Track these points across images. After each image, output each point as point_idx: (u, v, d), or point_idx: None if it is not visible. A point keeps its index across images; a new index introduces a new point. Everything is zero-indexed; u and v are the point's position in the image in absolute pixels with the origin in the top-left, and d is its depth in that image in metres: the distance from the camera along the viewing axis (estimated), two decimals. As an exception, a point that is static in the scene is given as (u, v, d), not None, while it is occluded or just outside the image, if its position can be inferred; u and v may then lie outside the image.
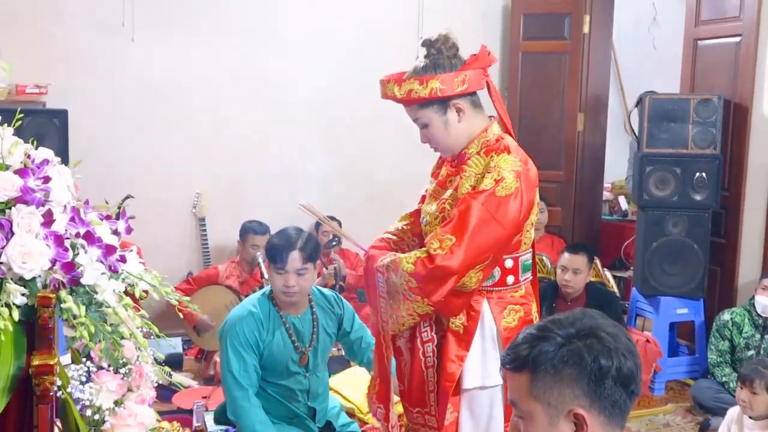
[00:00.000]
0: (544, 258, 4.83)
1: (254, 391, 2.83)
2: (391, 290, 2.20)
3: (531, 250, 2.37)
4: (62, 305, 1.41)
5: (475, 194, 2.16)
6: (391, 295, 2.21)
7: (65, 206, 1.53)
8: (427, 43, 2.34)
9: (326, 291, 3.11)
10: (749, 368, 3.36)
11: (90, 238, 1.50)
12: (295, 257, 2.77)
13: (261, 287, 4.56)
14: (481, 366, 2.28)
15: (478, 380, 2.28)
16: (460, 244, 2.10)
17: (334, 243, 5.01)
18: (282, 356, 2.87)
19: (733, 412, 3.49)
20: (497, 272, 2.27)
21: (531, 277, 2.40)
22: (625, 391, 1.37)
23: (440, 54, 2.31)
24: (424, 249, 2.18)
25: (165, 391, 3.91)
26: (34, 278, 1.42)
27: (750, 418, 3.34)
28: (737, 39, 4.65)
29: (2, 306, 1.36)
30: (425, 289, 2.13)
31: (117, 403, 1.58)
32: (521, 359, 1.39)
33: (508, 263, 2.28)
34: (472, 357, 2.27)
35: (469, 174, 2.24)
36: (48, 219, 1.44)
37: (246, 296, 4.61)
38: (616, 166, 6.48)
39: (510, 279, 2.30)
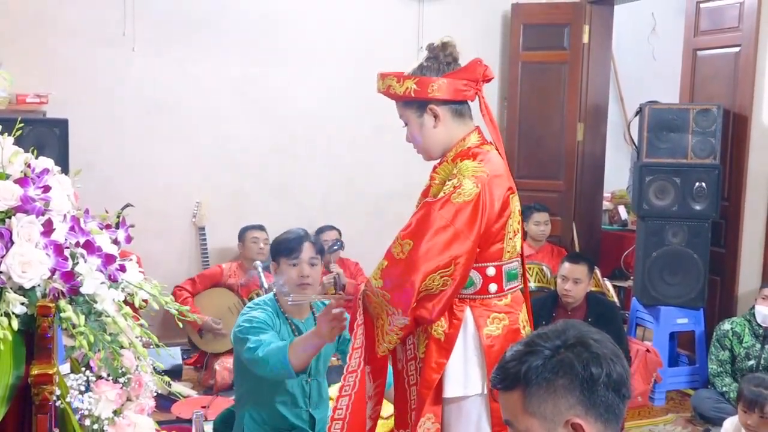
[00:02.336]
0: (544, 267, 4.83)
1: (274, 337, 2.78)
2: (374, 312, 2.21)
3: (519, 258, 2.35)
4: (62, 314, 1.41)
5: (433, 201, 2.18)
6: (378, 317, 2.20)
7: (65, 215, 1.53)
8: (429, 47, 2.39)
9: (327, 300, 3.12)
10: (752, 392, 3.24)
11: (90, 247, 1.50)
12: (308, 247, 2.88)
13: (258, 294, 4.56)
14: (463, 374, 2.25)
15: (459, 389, 2.25)
16: (417, 249, 2.11)
17: (335, 248, 5.02)
18: None
19: (729, 424, 3.47)
20: (478, 280, 2.25)
21: (520, 286, 2.37)
22: (617, 396, 1.37)
23: (435, 59, 2.34)
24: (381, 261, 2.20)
25: (164, 401, 3.91)
26: (33, 287, 1.42)
27: None
28: (736, 49, 4.66)
29: (1, 315, 1.35)
30: (396, 299, 2.12)
31: (116, 412, 1.57)
32: (512, 377, 1.39)
33: (490, 271, 2.25)
34: (454, 365, 2.24)
35: (439, 181, 2.29)
36: (48, 228, 1.45)
37: (249, 299, 4.63)
38: (616, 176, 6.50)
39: (493, 287, 2.27)
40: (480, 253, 2.21)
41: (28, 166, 1.54)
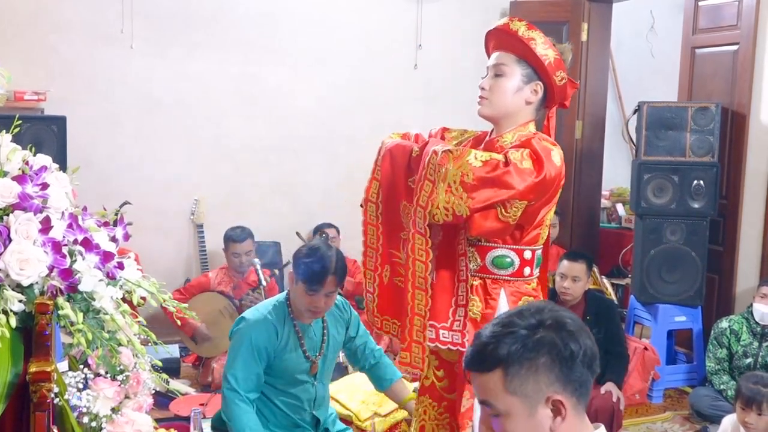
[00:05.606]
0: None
1: (253, 397, 2.83)
2: (437, 178, 2.19)
3: (544, 247, 2.44)
4: (60, 312, 1.41)
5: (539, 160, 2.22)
6: (435, 183, 2.19)
7: (63, 213, 1.53)
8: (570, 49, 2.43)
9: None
10: (750, 389, 3.25)
11: (88, 244, 1.50)
12: (330, 281, 2.78)
13: (254, 290, 4.56)
14: None
15: None
16: (534, 174, 2.16)
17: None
18: (292, 365, 2.87)
19: (728, 421, 3.47)
20: (516, 261, 2.31)
21: (539, 274, 2.45)
22: (590, 371, 1.41)
23: (565, 62, 2.38)
24: (497, 154, 2.20)
25: (162, 398, 3.91)
26: (31, 285, 1.42)
27: None
28: (735, 47, 4.66)
29: (0, 313, 1.35)
30: (478, 188, 2.13)
31: (114, 410, 1.57)
32: (492, 357, 1.39)
33: (527, 254, 2.33)
34: None
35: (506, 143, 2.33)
36: (46, 226, 1.44)
37: (240, 300, 4.61)
38: (614, 174, 6.49)
39: (527, 270, 2.34)
40: (521, 237, 2.30)
41: (26, 163, 1.54)
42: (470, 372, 1.45)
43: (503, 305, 2.30)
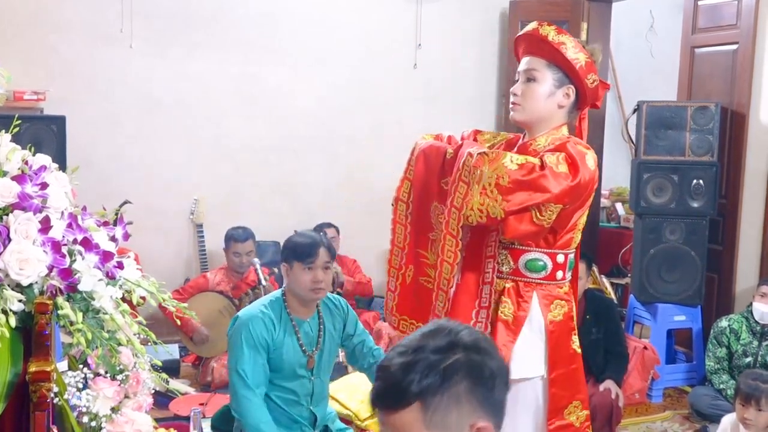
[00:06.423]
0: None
1: (262, 391, 2.84)
2: (472, 180, 2.19)
3: (575, 251, 2.44)
4: (59, 312, 1.41)
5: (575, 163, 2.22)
6: (470, 185, 2.20)
7: (63, 213, 1.53)
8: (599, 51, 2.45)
9: (331, 295, 3.13)
10: (749, 386, 3.27)
11: (87, 244, 1.50)
12: (323, 252, 2.87)
13: (254, 289, 4.56)
14: (528, 356, 2.32)
15: (523, 371, 2.31)
16: (570, 178, 2.17)
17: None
18: (290, 359, 2.89)
19: (727, 421, 3.48)
20: (549, 265, 2.32)
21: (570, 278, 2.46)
22: (506, 388, 1.29)
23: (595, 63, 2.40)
24: (533, 157, 2.20)
25: (162, 398, 3.91)
26: (31, 285, 1.42)
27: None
28: (734, 47, 4.66)
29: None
30: (513, 191, 2.14)
31: (114, 409, 1.57)
32: (407, 391, 1.22)
33: (560, 258, 2.34)
34: (519, 348, 2.30)
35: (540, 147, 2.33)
36: (45, 225, 1.44)
37: (239, 300, 4.62)
38: (614, 173, 6.49)
39: (559, 274, 2.35)
40: (554, 240, 2.30)
41: (26, 163, 1.54)
42: (381, 411, 1.27)
43: (535, 308, 2.32)
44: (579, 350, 2.42)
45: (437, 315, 2.28)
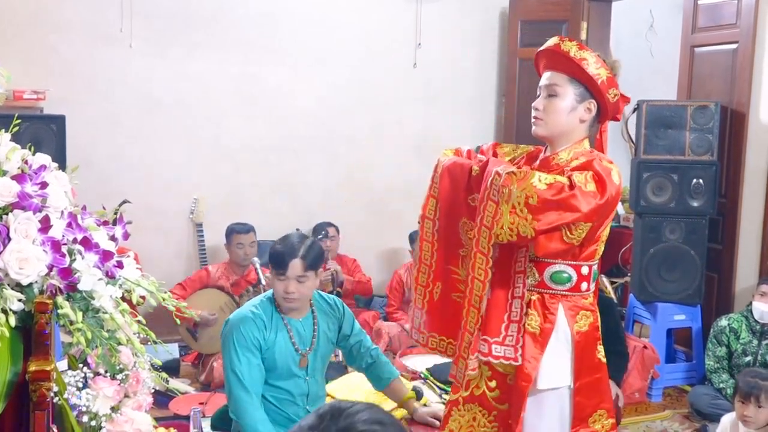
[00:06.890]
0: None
1: (258, 392, 2.84)
2: (501, 199, 2.19)
3: (598, 262, 2.46)
4: (59, 311, 1.41)
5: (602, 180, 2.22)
6: (499, 204, 2.20)
7: (62, 212, 1.53)
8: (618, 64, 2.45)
9: (326, 295, 3.12)
10: (748, 383, 3.29)
11: (87, 243, 1.50)
12: (296, 264, 2.80)
13: (254, 287, 4.57)
14: (555, 367, 2.33)
15: (551, 382, 2.33)
16: (598, 197, 2.17)
17: (320, 237, 5.01)
18: (283, 358, 2.88)
19: (727, 420, 3.48)
20: (574, 276, 2.34)
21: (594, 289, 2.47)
22: None
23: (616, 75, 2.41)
24: (562, 177, 2.21)
25: (162, 397, 3.91)
26: (31, 284, 1.42)
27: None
28: (734, 46, 4.66)
29: (-1, 312, 1.36)
30: (543, 210, 2.14)
31: (114, 409, 1.57)
32: None
33: (584, 270, 2.36)
34: (547, 359, 2.32)
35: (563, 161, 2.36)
36: (45, 225, 1.44)
37: (239, 297, 4.63)
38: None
39: (584, 285, 2.37)
40: (579, 253, 2.32)
41: (25, 162, 1.54)
42: None
43: (561, 319, 2.34)
44: (604, 360, 2.44)
45: (468, 331, 2.29)
